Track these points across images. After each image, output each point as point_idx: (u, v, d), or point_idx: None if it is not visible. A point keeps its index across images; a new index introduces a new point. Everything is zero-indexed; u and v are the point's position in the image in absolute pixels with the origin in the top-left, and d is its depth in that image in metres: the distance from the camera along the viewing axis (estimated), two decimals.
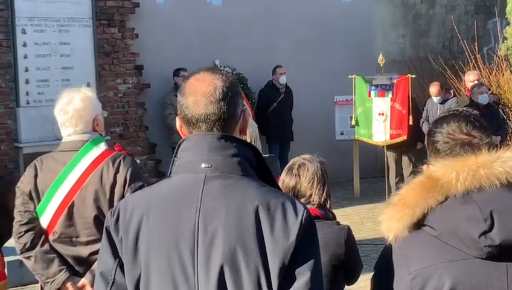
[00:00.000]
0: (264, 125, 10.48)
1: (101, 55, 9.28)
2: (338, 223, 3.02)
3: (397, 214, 1.91)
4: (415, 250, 1.90)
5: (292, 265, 1.75)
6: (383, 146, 9.91)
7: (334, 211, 10.14)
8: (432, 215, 1.88)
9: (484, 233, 1.79)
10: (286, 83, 10.45)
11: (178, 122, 1.97)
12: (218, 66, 10.30)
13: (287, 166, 3.21)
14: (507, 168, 1.86)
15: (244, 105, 2.04)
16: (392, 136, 9.76)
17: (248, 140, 3.61)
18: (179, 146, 1.91)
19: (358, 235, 1.95)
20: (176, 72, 9.65)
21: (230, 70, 10.26)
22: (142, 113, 9.76)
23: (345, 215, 9.28)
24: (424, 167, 2.05)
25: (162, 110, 9.67)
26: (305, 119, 10.85)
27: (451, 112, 2.08)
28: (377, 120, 9.89)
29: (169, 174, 1.93)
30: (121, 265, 1.86)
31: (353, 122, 10.09)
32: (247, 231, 1.76)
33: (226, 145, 1.85)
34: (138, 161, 7.42)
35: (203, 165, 1.83)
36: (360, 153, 10.55)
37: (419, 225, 1.91)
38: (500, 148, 5.18)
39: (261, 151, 3.74)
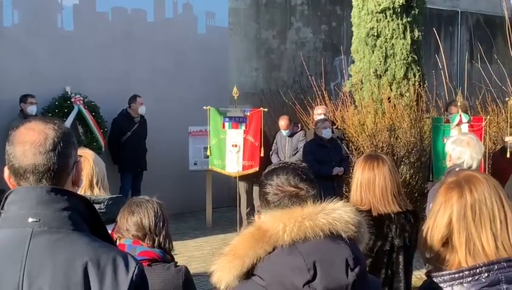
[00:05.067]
0: (116, 154, 10.32)
1: None
2: (176, 265, 3.03)
3: (228, 265, 1.96)
4: None
5: None
6: (236, 177, 10.09)
7: (187, 241, 10.03)
8: (260, 265, 1.94)
9: (308, 283, 1.87)
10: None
11: (6, 172, 1.89)
12: (69, 92, 10.02)
13: (126, 204, 3.16)
14: (330, 220, 1.96)
15: (79, 156, 1.99)
16: (244, 167, 9.96)
17: (94, 180, 3.52)
18: (6, 198, 1.83)
19: (208, 267, 1.99)
20: (23, 99, 9.27)
21: (81, 98, 10.00)
22: None
23: (197, 246, 9.30)
24: (256, 217, 2.12)
25: (7, 138, 9.15)
26: (159, 149, 10.79)
27: (281, 164, 2.18)
28: (231, 151, 10.07)
29: None
30: None
31: (208, 153, 10.19)
32: (75, 289, 1.71)
33: (56, 199, 1.80)
34: None
35: (30, 220, 1.77)
36: (213, 183, 10.66)
37: (249, 274, 1.96)
38: (343, 179, 5.33)
39: (107, 190, 3.70)
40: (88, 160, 3.46)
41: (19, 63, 9.62)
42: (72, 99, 9.97)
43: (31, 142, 1.83)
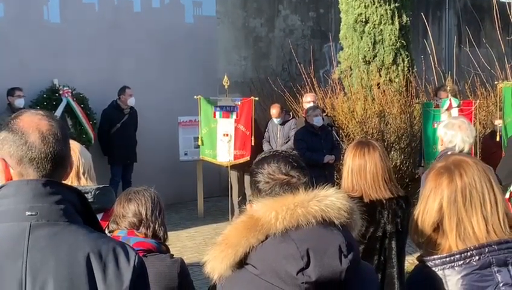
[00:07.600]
0: (106, 146, 10.27)
1: None
2: (171, 256, 3.02)
3: (220, 254, 1.95)
4: None
5: None
6: (227, 166, 10.08)
7: (179, 232, 9.99)
8: (253, 254, 1.93)
9: (301, 270, 1.87)
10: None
11: (1, 163, 1.82)
12: (57, 85, 9.95)
13: (124, 192, 3.17)
14: (322, 207, 1.96)
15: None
16: (235, 157, 9.96)
17: (81, 171, 3.51)
18: None
19: (201, 257, 2.00)
20: (10, 92, 9.21)
21: (70, 90, 9.94)
22: None
23: (189, 236, 9.30)
24: (248, 206, 2.11)
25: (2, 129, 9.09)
26: (149, 140, 10.76)
27: (271, 153, 2.17)
28: (222, 141, 10.06)
29: None
30: None
31: (199, 143, 10.16)
32: (80, 281, 1.72)
33: (51, 191, 1.79)
34: None
35: (27, 213, 1.75)
36: (204, 173, 10.64)
37: (242, 264, 1.95)
38: (334, 166, 5.27)
39: (95, 181, 3.68)
40: (74, 151, 3.46)
41: (6, 56, 9.54)
42: (60, 92, 9.90)
43: (47, 130, 1.80)
